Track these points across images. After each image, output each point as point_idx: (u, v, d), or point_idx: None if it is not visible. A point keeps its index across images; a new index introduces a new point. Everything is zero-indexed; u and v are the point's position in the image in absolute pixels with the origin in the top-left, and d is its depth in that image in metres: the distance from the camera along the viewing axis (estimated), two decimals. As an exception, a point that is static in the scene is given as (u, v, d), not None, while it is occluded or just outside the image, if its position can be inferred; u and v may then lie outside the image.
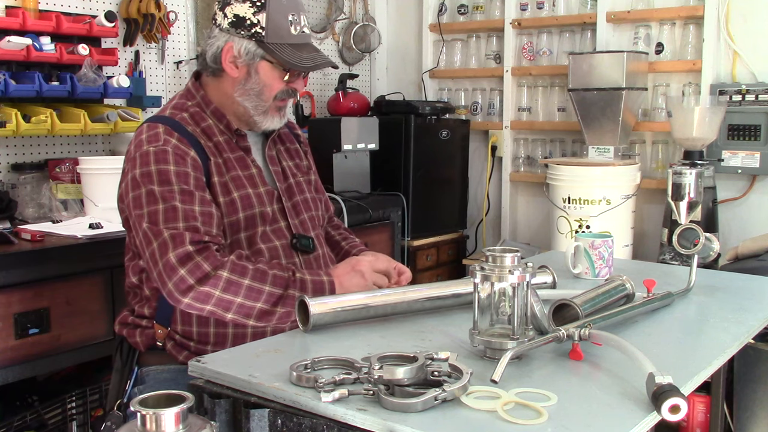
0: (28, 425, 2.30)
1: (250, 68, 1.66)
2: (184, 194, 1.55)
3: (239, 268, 1.51)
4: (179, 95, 1.75)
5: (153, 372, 1.66)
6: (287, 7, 1.65)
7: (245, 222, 1.65)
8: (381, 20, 4.26)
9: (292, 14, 1.65)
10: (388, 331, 1.42)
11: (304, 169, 1.88)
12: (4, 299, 2.05)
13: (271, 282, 1.52)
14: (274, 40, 1.64)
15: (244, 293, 1.50)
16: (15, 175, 2.66)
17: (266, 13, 1.63)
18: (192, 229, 1.52)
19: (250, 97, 1.68)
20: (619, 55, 3.24)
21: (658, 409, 1.03)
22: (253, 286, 1.51)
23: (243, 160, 1.70)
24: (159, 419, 0.89)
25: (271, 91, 1.68)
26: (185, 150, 1.60)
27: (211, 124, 1.69)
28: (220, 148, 1.68)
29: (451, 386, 1.05)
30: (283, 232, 1.71)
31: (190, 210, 1.54)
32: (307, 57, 1.66)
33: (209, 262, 1.49)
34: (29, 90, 2.49)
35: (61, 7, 2.78)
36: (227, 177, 1.65)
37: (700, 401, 2.68)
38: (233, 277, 1.49)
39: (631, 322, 1.48)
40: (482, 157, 4.07)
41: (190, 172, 1.58)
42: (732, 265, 2.76)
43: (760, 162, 3.16)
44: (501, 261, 1.24)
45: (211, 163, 1.64)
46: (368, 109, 3.80)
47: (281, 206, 1.73)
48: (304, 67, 1.66)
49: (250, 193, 1.67)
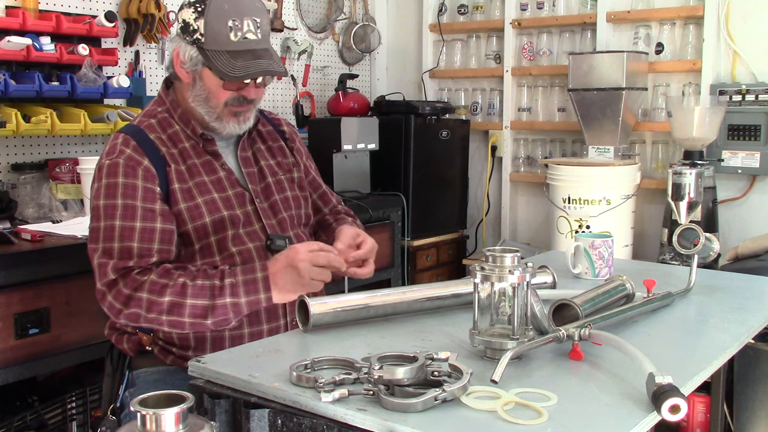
0: (28, 425, 2.30)
1: (195, 75, 1.64)
2: (126, 210, 1.57)
3: (158, 287, 1.50)
4: (152, 101, 1.76)
5: (143, 374, 1.67)
6: (228, 12, 1.59)
7: (213, 226, 1.64)
8: (381, 20, 4.26)
9: (233, 20, 1.58)
10: (388, 331, 1.43)
11: (287, 167, 1.84)
12: (4, 299, 2.05)
13: (192, 294, 1.50)
14: (212, 46, 1.59)
15: (167, 309, 1.50)
16: (15, 175, 2.66)
17: (204, 19, 1.59)
18: (123, 251, 1.54)
19: (201, 103, 1.66)
20: (619, 55, 3.24)
21: (658, 409, 1.03)
22: (174, 301, 1.50)
23: (210, 165, 1.69)
24: (159, 419, 0.89)
25: (217, 98, 1.65)
26: (138, 160, 1.60)
27: (177, 130, 1.69)
28: (185, 155, 1.67)
29: (451, 386, 1.05)
30: (258, 234, 1.69)
31: (130, 227, 1.55)
32: (242, 65, 1.59)
33: (128, 286, 1.52)
34: (29, 90, 2.49)
35: (61, 7, 2.78)
36: (191, 183, 1.64)
37: (700, 401, 2.68)
38: (152, 297, 1.50)
39: (631, 322, 1.48)
40: (482, 157, 4.07)
41: (139, 183, 1.59)
42: (732, 265, 2.76)
43: (760, 162, 3.16)
44: (501, 261, 1.24)
45: (171, 170, 1.63)
46: (368, 109, 3.80)
47: (255, 208, 1.71)
48: (234, 76, 1.59)
49: (216, 197, 1.65)
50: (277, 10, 3.65)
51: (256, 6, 1.63)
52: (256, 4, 1.63)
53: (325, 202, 1.96)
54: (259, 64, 1.60)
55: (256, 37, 1.61)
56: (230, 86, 1.63)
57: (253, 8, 1.62)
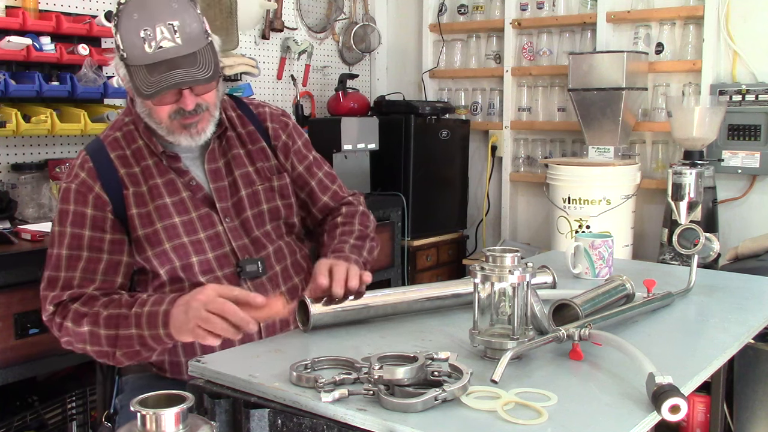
0: (28, 425, 2.30)
1: (132, 92, 1.53)
2: (73, 239, 1.52)
3: (78, 315, 1.46)
4: (123, 110, 1.67)
5: (131, 380, 1.65)
6: (138, 22, 1.42)
7: (175, 253, 1.55)
8: (381, 20, 4.26)
9: (145, 29, 1.41)
10: (388, 331, 1.43)
11: (267, 174, 1.69)
12: (4, 299, 2.05)
13: (104, 324, 1.44)
14: (132, 61, 1.45)
15: (89, 339, 1.45)
16: (15, 175, 2.66)
17: (119, 32, 1.45)
18: (66, 281, 1.50)
19: (147, 118, 1.56)
20: (619, 55, 3.24)
21: (658, 409, 1.03)
22: (92, 330, 1.45)
23: (172, 184, 1.58)
24: (159, 419, 0.89)
25: (158, 114, 1.52)
26: (90, 185, 1.54)
27: (141, 145, 1.59)
28: (147, 174, 1.57)
29: (451, 386, 1.05)
30: (229, 259, 1.58)
31: (76, 256, 1.51)
32: (154, 80, 1.43)
33: (60, 315, 1.49)
34: (29, 90, 2.49)
35: (61, 7, 2.78)
36: (151, 206, 1.56)
37: (700, 401, 2.68)
38: (74, 326, 1.46)
39: (631, 322, 1.48)
40: (482, 157, 4.07)
41: (88, 212, 1.53)
42: (732, 265, 2.76)
43: (760, 162, 3.16)
44: (501, 261, 1.24)
45: (129, 194, 1.55)
46: (368, 109, 3.80)
47: (224, 228, 1.59)
48: (146, 94, 1.45)
49: (177, 222, 1.56)
50: (277, 10, 3.65)
51: (172, 8, 1.43)
52: (172, 6, 1.43)
53: (314, 201, 1.78)
54: (172, 75, 1.43)
55: (174, 44, 1.43)
56: (162, 101, 1.49)
57: (167, 12, 1.43)
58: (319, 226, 1.81)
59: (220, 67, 1.52)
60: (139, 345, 1.43)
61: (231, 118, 1.70)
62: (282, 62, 3.77)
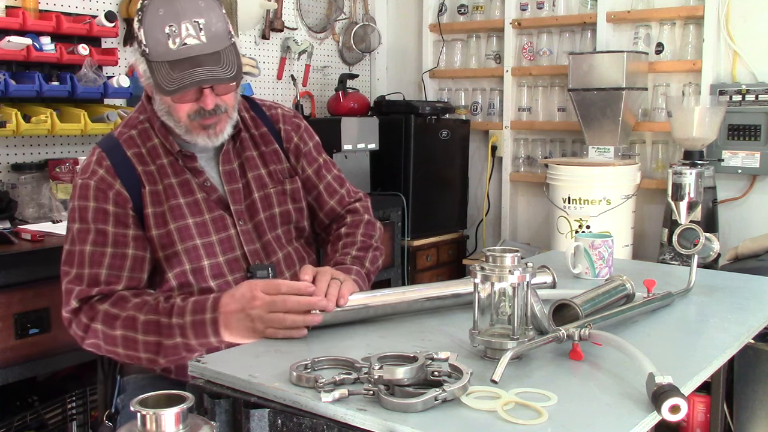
0: (28, 425, 2.30)
1: (152, 88, 1.52)
2: (98, 235, 1.50)
3: (110, 318, 1.44)
4: (136, 107, 1.65)
5: (133, 380, 1.65)
6: (164, 17, 1.42)
7: (187, 255, 1.53)
8: (381, 20, 4.26)
9: (170, 25, 1.41)
10: (388, 331, 1.42)
11: (280, 177, 1.69)
12: (4, 299, 2.05)
13: (143, 330, 1.42)
14: (154, 57, 1.44)
15: (122, 343, 1.44)
16: (15, 175, 2.66)
17: (144, 27, 1.44)
18: (91, 277, 1.49)
19: (166, 117, 1.54)
20: (619, 55, 3.24)
21: (658, 409, 1.03)
22: (127, 335, 1.43)
23: (187, 185, 1.57)
24: (159, 419, 0.89)
25: (177, 112, 1.51)
26: (110, 182, 1.52)
27: (156, 144, 1.58)
28: (162, 173, 1.56)
29: (451, 386, 1.05)
30: (239, 263, 1.58)
31: (100, 253, 1.50)
32: (177, 77, 1.42)
33: (87, 316, 1.47)
34: (29, 90, 2.49)
35: (61, 7, 2.78)
36: (165, 206, 1.54)
37: (700, 401, 2.68)
38: (106, 329, 1.45)
39: (631, 322, 1.48)
40: (482, 157, 4.07)
41: (110, 209, 1.51)
42: (732, 265, 2.76)
43: (760, 162, 3.16)
44: (501, 261, 1.23)
45: (145, 192, 1.54)
46: (368, 109, 3.80)
47: (237, 231, 1.59)
48: (168, 90, 1.44)
49: (190, 223, 1.55)
50: (277, 10, 3.66)
51: (198, 6, 1.44)
52: (199, 4, 1.44)
53: (321, 205, 1.77)
54: (196, 73, 1.43)
55: (198, 42, 1.43)
56: (183, 98, 1.48)
57: (193, 9, 1.43)
58: (325, 231, 1.80)
59: (242, 70, 1.52)
60: (185, 352, 1.43)
61: (244, 119, 1.69)
62: (282, 62, 3.77)
